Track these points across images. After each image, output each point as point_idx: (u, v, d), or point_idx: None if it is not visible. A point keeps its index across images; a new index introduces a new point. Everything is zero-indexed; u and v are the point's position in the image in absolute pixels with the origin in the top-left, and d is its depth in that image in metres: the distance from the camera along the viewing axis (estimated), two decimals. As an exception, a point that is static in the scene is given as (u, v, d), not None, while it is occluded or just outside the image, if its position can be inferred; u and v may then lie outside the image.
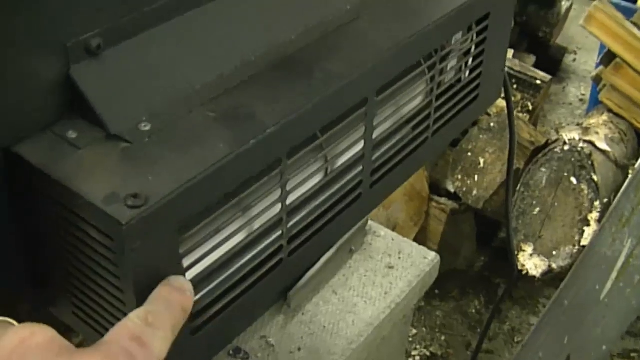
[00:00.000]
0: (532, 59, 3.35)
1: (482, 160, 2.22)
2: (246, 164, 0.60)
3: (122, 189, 0.53)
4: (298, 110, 0.63)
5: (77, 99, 0.60)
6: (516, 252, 2.12)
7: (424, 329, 2.35)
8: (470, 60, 0.96)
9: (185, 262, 0.59)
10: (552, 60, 3.79)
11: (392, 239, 1.25)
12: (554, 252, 2.09)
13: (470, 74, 0.97)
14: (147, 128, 0.59)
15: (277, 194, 0.67)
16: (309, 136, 0.68)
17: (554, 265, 2.08)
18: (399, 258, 1.22)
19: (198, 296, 0.62)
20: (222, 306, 0.65)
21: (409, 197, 2.16)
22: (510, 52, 2.96)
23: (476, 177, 2.23)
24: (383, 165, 0.82)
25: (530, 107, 2.60)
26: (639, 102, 2.43)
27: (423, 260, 1.22)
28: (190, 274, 0.60)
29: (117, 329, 0.49)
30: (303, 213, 0.73)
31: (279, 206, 0.67)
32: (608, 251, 1.64)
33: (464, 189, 2.25)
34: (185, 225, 0.57)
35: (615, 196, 1.89)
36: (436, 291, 2.43)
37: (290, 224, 0.70)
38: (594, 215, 2.05)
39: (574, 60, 4.00)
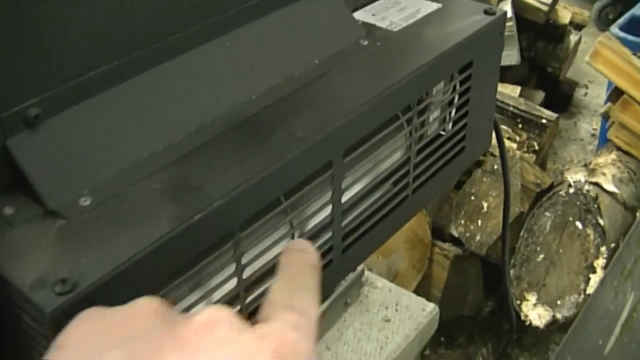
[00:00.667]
0: (542, 95, 3.34)
1: (485, 205, 2.19)
2: (192, 240, 0.57)
3: (51, 274, 0.51)
4: (251, 180, 0.61)
5: (14, 173, 0.57)
6: (519, 302, 2.08)
7: (429, 379, 2.32)
8: (454, 111, 0.94)
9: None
10: (563, 96, 3.79)
11: (390, 290, 1.24)
12: (559, 302, 2.05)
13: (454, 125, 0.94)
14: (87, 203, 0.57)
15: (232, 267, 0.64)
16: (266, 205, 0.65)
17: (558, 316, 2.04)
18: (396, 310, 1.20)
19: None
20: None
21: (411, 244, 2.13)
22: (518, 90, 2.94)
23: (479, 221, 2.20)
24: (356, 228, 0.79)
25: (537, 147, 2.58)
26: (649, 139, 2.41)
27: (421, 312, 1.21)
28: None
29: (268, 307, 0.48)
30: (266, 284, 0.70)
31: (234, 280, 0.65)
32: (610, 305, 1.61)
33: (467, 235, 2.22)
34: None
35: (623, 239, 1.86)
36: (442, 339, 2.40)
37: (250, 298, 0.68)
38: (600, 262, 2.01)
39: (586, 94, 4.00)
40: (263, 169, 0.62)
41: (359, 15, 0.90)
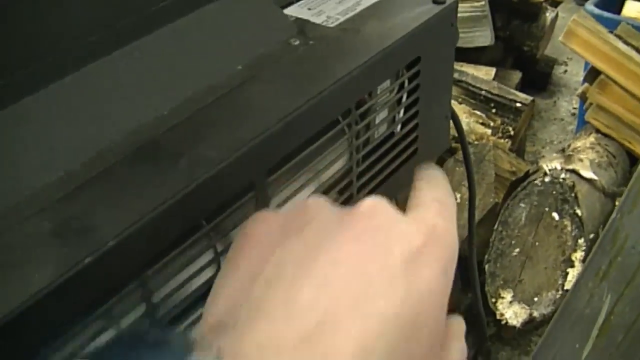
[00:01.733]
0: (519, 75, 3.30)
1: (458, 196, 2.13)
2: (85, 287, 0.51)
3: None
4: (151, 213, 0.54)
5: None
6: (494, 300, 2.03)
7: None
8: (402, 111, 0.88)
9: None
10: (541, 75, 3.77)
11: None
12: (536, 299, 1.99)
13: (403, 126, 0.89)
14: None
15: (143, 308, 0.58)
16: (190, 228, 0.59)
17: (535, 314, 1.99)
18: None
19: None
20: None
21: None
22: (492, 71, 2.90)
23: (453, 214, 2.15)
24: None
25: (512, 132, 2.52)
26: (629, 121, 2.36)
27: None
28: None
29: (416, 198, 0.53)
30: (190, 319, 0.64)
31: (147, 321, 0.58)
32: (586, 308, 1.56)
33: (440, 228, 2.17)
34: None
35: (603, 228, 1.82)
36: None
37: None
38: (578, 255, 1.95)
39: (565, 72, 3.97)
40: (167, 198, 0.56)
41: (292, 10, 0.84)
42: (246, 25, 0.76)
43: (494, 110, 2.54)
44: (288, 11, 0.84)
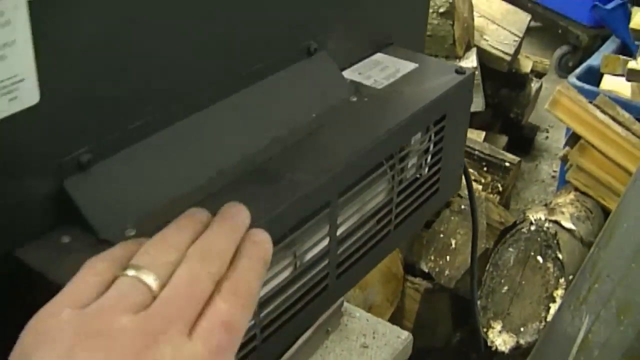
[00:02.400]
0: (505, 139, 3.45)
1: (453, 242, 2.29)
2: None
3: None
4: (267, 216, 0.71)
5: (70, 209, 0.67)
6: (485, 329, 2.18)
7: (401, 407, 2.39)
8: (429, 157, 1.03)
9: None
10: (525, 139, 3.90)
11: (367, 320, 1.31)
12: (522, 329, 2.15)
13: (429, 170, 1.04)
14: (132, 234, 0.67)
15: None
16: (278, 237, 0.75)
17: (521, 341, 2.15)
18: (374, 338, 1.27)
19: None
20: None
21: (385, 279, 2.22)
22: (482, 134, 3.05)
23: (448, 257, 2.30)
24: (348, 258, 0.89)
25: (500, 188, 2.69)
26: (605, 181, 2.52)
27: (397, 339, 1.28)
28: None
29: (209, 315, 0.54)
30: (274, 304, 0.79)
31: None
32: (568, 328, 1.70)
33: (437, 269, 2.32)
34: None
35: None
36: (413, 369, 2.47)
37: (263, 314, 0.77)
38: (559, 292, 2.12)
39: (547, 138, 4.11)
40: (276, 207, 0.72)
41: (347, 74, 1.00)
42: (318, 84, 0.93)
43: (485, 169, 2.70)
44: (344, 74, 1.00)
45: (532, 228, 2.24)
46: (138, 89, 0.71)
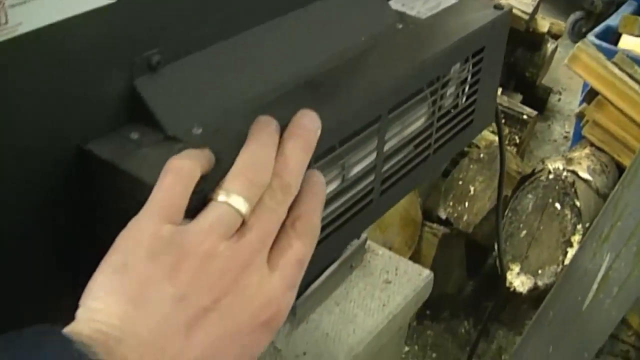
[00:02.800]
0: (519, 97, 3.44)
1: (472, 188, 2.30)
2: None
3: (183, 180, 0.62)
4: (326, 122, 0.72)
5: (138, 106, 0.69)
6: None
7: (416, 347, 2.42)
8: (467, 88, 1.05)
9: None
10: (538, 100, 3.89)
11: (390, 257, 1.32)
12: (540, 271, 2.17)
13: (466, 100, 1.05)
14: (199, 132, 0.68)
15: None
16: (331, 146, 0.76)
17: (539, 283, 2.17)
18: (396, 274, 1.28)
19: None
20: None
21: (404, 223, 2.24)
22: (499, 91, 3.05)
23: (466, 203, 2.32)
24: (391, 176, 0.91)
25: (518, 141, 2.70)
26: (620, 137, 2.53)
27: (418, 277, 1.29)
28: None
29: (287, 252, 0.58)
30: (324, 214, 0.81)
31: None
32: (589, 265, 1.72)
33: (455, 215, 2.34)
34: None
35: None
36: (427, 312, 2.50)
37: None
38: (576, 238, 2.13)
39: (559, 100, 4.10)
40: (332, 116, 0.74)
41: (391, 4, 1.01)
42: (366, 10, 0.94)
43: (503, 121, 2.71)
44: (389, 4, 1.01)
45: (550, 176, 2.25)
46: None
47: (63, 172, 0.67)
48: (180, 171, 0.57)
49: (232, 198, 0.56)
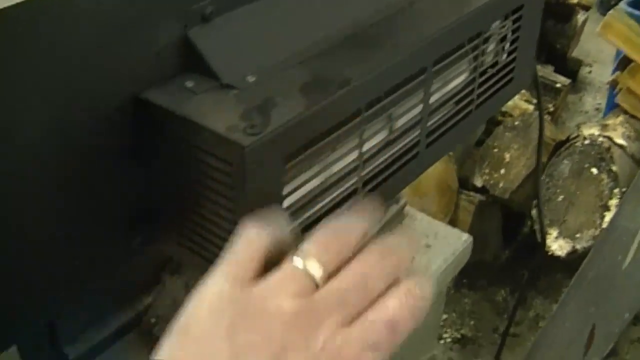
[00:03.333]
0: (551, 69, 3.42)
1: (507, 155, 2.30)
2: (334, 111, 0.70)
3: (239, 122, 0.63)
4: (373, 71, 0.73)
5: (192, 56, 0.70)
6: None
7: (453, 314, 2.43)
8: (507, 45, 1.05)
9: (285, 190, 0.68)
10: (569, 72, 3.86)
11: (429, 222, 1.32)
12: (578, 235, 2.17)
13: (507, 57, 1.06)
14: (253, 80, 0.69)
15: (355, 141, 0.76)
16: (380, 95, 0.77)
17: (577, 246, 2.16)
18: (436, 238, 1.29)
19: (296, 223, 0.72)
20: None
21: (441, 190, 2.24)
22: (531, 61, 3.03)
23: (502, 170, 2.32)
24: (436, 129, 0.91)
25: (551, 109, 2.68)
26: (654, 103, 2.51)
27: (458, 241, 1.29)
28: (288, 201, 0.69)
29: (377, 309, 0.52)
30: (375, 163, 0.82)
31: (356, 153, 0.77)
32: (629, 224, 1.72)
33: (491, 182, 2.33)
34: (289, 155, 0.66)
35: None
36: (464, 280, 2.50)
37: (364, 171, 0.80)
38: (613, 202, 2.13)
39: (590, 72, 4.07)
40: (381, 65, 0.75)
41: (433, -40, 1.02)
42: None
43: (537, 90, 2.69)
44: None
45: (586, 142, 2.25)
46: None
47: (121, 120, 0.68)
48: (252, 237, 0.55)
49: (307, 261, 0.53)
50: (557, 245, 2.17)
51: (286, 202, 0.69)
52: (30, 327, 0.71)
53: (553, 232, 2.18)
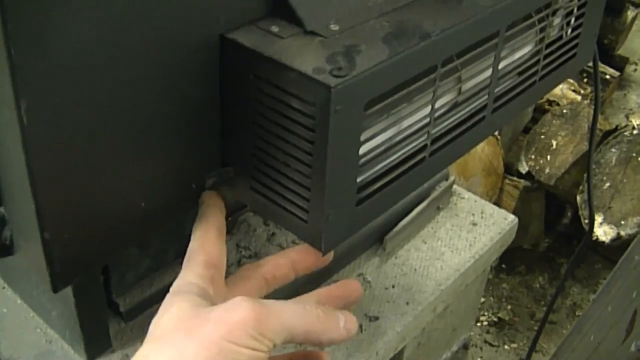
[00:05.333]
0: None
1: (554, 142, 2.30)
2: (413, 63, 0.71)
3: (325, 65, 0.64)
4: (452, 27, 0.74)
5: (278, 1, 0.71)
6: (587, 221, 2.19)
7: (491, 298, 2.44)
8: (572, 20, 1.06)
9: (363, 137, 0.70)
10: (615, 69, 3.84)
11: (475, 201, 1.33)
12: (622, 222, 2.16)
13: (571, 32, 1.06)
14: (337, 28, 0.70)
15: (429, 97, 0.77)
16: (455, 53, 0.78)
17: (622, 233, 2.16)
18: (482, 217, 1.29)
19: (367, 173, 0.74)
20: (381, 185, 0.76)
21: (487, 172, 2.25)
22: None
23: (549, 157, 2.32)
24: (503, 95, 0.92)
25: (600, 99, 2.67)
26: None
27: (503, 220, 1.30)
28: (364, 148, 0.71)
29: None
30: (443, 123, 0.83)
31: (428, 109, 0.78)
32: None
33: (537, 168, 2.34)
34: (370, 101, 0.68)
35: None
36: (503, 266, 2.51)
37: (434, 129, 0.81)
38: (659, 190, 2.13)
39: (635, 70, 4.05)
40: (459, 22, 0.76)
41: None
42: None
43: (585, 80, 2.69)
44: None
45: (635, 132, 2.24)
46: None
47: (208, 60, 0.70)
48: None
49: None
50: (602, 231, 2.17)
51: (362, 149, 0.71)
52: (88, 268, 0.72)
53: (598, 218, 2.18)
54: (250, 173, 0.75)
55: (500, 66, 0.89)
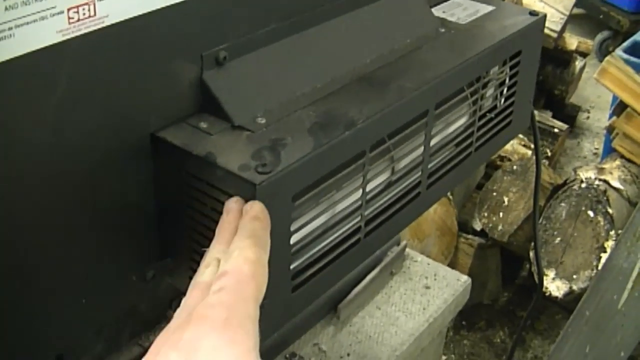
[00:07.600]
0: (549, 114, 3.45)
1: (506, 199, 2.33)
2: (340, 152, 0.73)
3: (251, 162, 0.66)
4: (378, 112, 0.77)
5: (207, 98, 0.73)
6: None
7: (452, 356, 2.44)
8: (505, 90, 1.08)
9: (293, 227, 0.71)
10: (567, 117, 3.89)
11: (428, 264, 1.35)
12: (575, 276, 2.19)
13: (505, 101, 1.09)
14: (263, 121, 0.73)
15: (359, 181, 0.79)
16: (384, 135, 0.80)
17: (574, 287, 2.18)
18: (435, 279, 1.31)
19: (301, 259, 0.75)
20: (316, 269, 0.77)
21: (441, 232, 2.27)
22: (529, 107, 3.07)
23: (501, 214, 2.35)
24: (437, 171, 0.94)
25: (549, 154, 2.72)
26: (649, 148, 2.54)
27: (457, 282, 1.31)
28: (295, 237, 0.72)
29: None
30: (377, 203, 0.85)
31: (359, 192, 0.80)
32: (624, 263, 1.74)
33: (490, 225, 2.36)
34: (297, 193, 0.69)
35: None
36: (463, 322, 2.52)
37: (367, 211, 0.83)
38: (609, 243, 2.15)
39: (587, 117, 4.10)
40: (385, 107, 0.78)
41: (434, 11, 1.05)
42: (411, 15, 0.98)
43: (534, 134, 2.73)
44: (431, 10, 1.05)
45: (583, 185, 2.28)
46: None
47: (141, 158, 0.72)
48: None
49: None
50: (555, 286, 2.20)
51: (293, 239, 0.72)
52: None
53: (550, 274, 2.21)
54: (188, 263, 0.76)
55: (434, 142, 0.92)
